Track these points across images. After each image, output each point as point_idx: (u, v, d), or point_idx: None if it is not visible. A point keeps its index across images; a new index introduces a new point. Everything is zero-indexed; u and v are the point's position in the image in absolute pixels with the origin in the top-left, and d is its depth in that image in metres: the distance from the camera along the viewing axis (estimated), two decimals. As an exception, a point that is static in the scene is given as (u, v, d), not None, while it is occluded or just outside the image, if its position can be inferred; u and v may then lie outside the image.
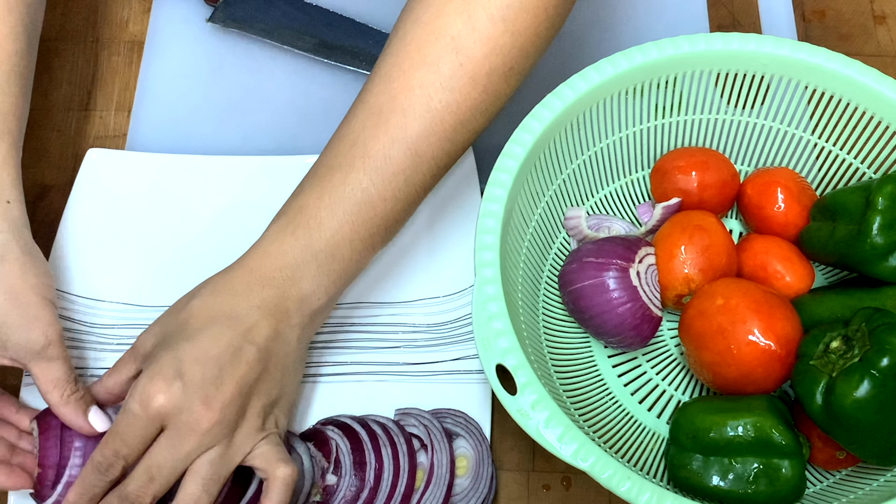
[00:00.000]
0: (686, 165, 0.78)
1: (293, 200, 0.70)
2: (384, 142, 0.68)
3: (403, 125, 0.68)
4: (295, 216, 0.69)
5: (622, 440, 0.73)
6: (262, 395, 0.68)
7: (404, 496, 0.71)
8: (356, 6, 0.93)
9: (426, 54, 0.68)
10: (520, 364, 0.63)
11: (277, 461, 0.68)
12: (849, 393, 0.62)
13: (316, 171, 0.71)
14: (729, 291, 0.70)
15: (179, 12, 0.93)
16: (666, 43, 0.74)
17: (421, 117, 0.68)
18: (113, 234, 0.82)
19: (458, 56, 0.68)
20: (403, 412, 0.75)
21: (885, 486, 0.67)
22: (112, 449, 0.66)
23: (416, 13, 0.69)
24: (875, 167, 0.76)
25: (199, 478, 0.66)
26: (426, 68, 0.68)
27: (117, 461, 0.65)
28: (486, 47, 0.68)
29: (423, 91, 0.68)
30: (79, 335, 0.78)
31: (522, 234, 0.74)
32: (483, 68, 0.68)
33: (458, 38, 0.68)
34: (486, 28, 0.68)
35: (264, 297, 0.68)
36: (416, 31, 0.69)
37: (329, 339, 0.78)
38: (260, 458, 0.68)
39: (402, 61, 0.69)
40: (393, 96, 0.69)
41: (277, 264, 0.69)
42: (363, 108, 0.70)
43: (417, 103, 0.68)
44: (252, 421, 0.68)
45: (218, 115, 0.89)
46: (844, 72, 0.73)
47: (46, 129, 0.89)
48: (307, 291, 0.69)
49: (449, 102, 0.68)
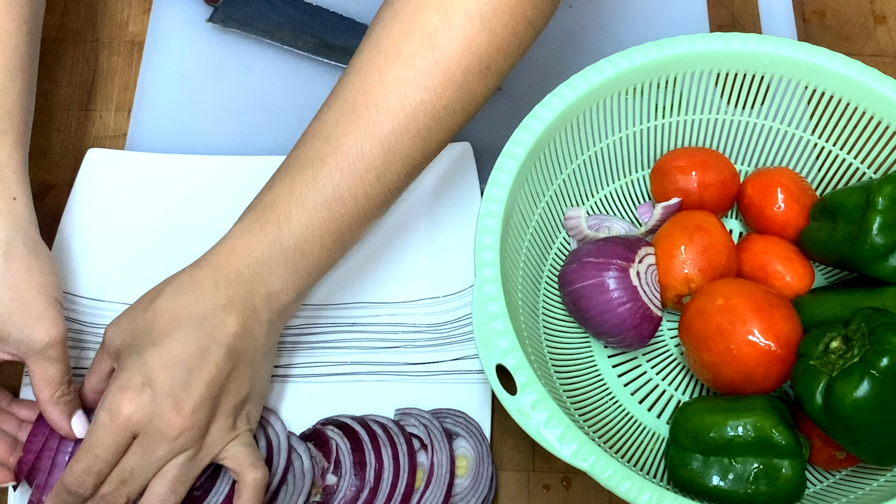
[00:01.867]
0: (686, 165, 0.78)
1: (263, 195, 0.70)
2: (356, 138, 0.68)
3: (377, 121, 0.67)
4: (264, 211, 0.69)
5: (622, 440, 0.73)
6: (233, 394, 0.68)
7: (404, 496, 0.71)
8: (356, 6, 0.93)
9: (402, 50, 0.67)
10: (520, 364, 0.63)
11: (249, 465, 0.68)
12: (849, 393, 0.62)
13: (288, 165, 0.70)
14: (729, 291, 0.70)
15: (179, 12, 0.93)
16: (666, 43, 0.74)
17: (394, 114, 0.67)
18: (113, 234, 0.82)
19: (435, 53, 0.67)
20: (403, 412, 0.75)
21: (885, 486, 0.67)
22: (84, 465, 0.65)
23: (395, 7, 0.69)
24: (875, 167, 0.76)
25: (167, 480, 0.66)
26: (402, 64, 0.67)
27: (88, 478, 0.65)
28: (462, 45, 0.67)
29: (397, 88, 0.67)
30: (78, 335, 0.78)
31: (522, 234, 0.74)
32: (459, 66, 0.68)
33: (434, 35, 0.67)
34: (462, 25, 0.67)
35: (231, 295, 0.67)
36: (393, 25, 0.68)
37: (329, 339, 0.78)
38: (231, 459, 0.68)
39: (378, 57, 0.68)
40: (367, 92, 0.68)
41: (245, 260, 0.68)
42: (337, 102, 0.69)
43: (392, 100, 0.67)
44: (222, 421, 0.68)
45: (218, 115, 0.89)
46: (844, 72, 0.73)
47: (46, 129, 0.89)
48: (275, 288, 0.69)
49: (423, 100, 0.68)
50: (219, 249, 0.69)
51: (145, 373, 0.65)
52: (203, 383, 0.66)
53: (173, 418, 0.65)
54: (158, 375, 0.65)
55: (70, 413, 0.70)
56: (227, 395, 0.68)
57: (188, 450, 0.66)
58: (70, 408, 0.70)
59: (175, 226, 0.82)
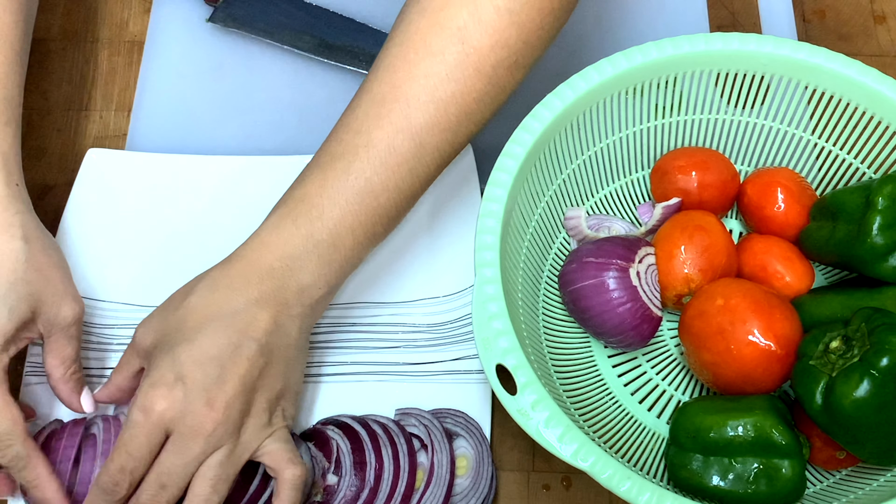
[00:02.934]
0: (686, 165, 0.78)
1: (294, 190, 0.70)
2: (388, 132, 0.68)
3: (408, 115, 0.68)
4: (296, 205, 0.69)
5: (622, 440, 0.73)
6: (266, 389, 0.68)
7: (404, 496, 0.71)
8: (356, 6, 0.93)
9: (431, 44, 0.68)
10: (520, 364, 0.63)
11: (287, 462, 0.68)
12: (848, 393, 0.62)
13: (318, 160, 0.70)
14: (729, 291, 0.70)
15: (179, 12, 0.93)
16: (666, 43, 0.74)
17: (426, 108, 0.68)
18: (113, 234, 0.82)
19: (464, 47, 0.68)
20: (403, 412, 0.75)
21: (885, 486, 0.67)
22: (118, 465, 0.65)
23: (422, 3, 0.69)
24: (875, 167, 0.76)
25: (207, 479, 0.66)
26: (431, 58, 0.68)
27: (123, 478, 0.65)
28: (491, 39, 0.68)
29: (427, 81, 0.68)
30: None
31: (522, 234, 0.74)
32: (489, 60, 0.68)
33: (463, 29, 0.68)
34: (491, 19, 0.68)
35: (263, 290, 0.68)
36: (420, 21, 0.69)
37: (329, 339, 0.78)
38: (268, 456, 0.68)
39: (407, 51, 0.69)
40: (397, 86, 0.68)
41: (277, 255, 0.68)
42: (367, 97, 0.69)
43: (422, 94, 0.68)
44: (258, 417, 0.67)
45: (218, 115, 0.89)
46: (844, 72, 0.73)
47: (46, 129, 0.89)
48: (307, 282, 0.69)
49: (454, 93, 0.68)
50: (250, 245, 0.69)
51: (177, 369, 0.65)
52: (235, 379, 0.66)
53: (206, 414, 0.65)
54: (190, 372, 0.65)
55: (80, 390, 0.72)
56: (260, 391, 0.67)
57: (223, 446, 0.66)
58: (80, 385, 0.72)
59: (175, 226, 0.82)
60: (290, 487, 0.67)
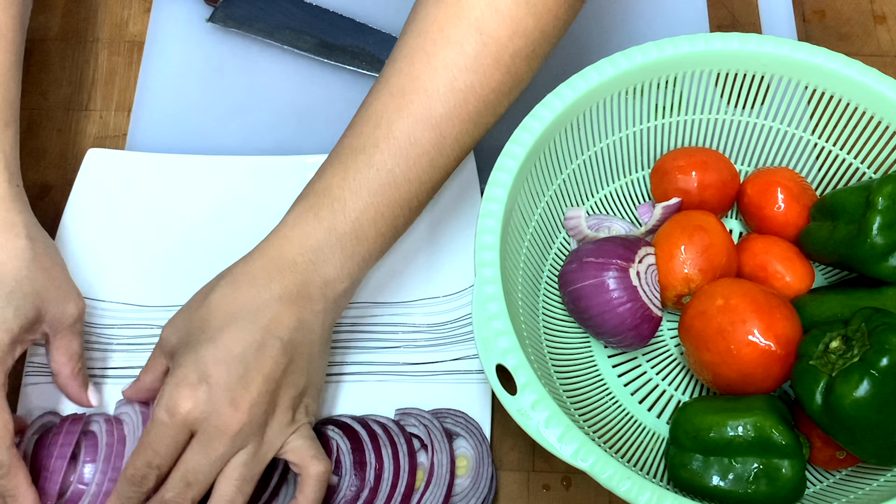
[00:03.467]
0: (686, 165, 0.78)
1: (315, 183, 0.69)
2: (408, 123, 0.68)
3: (428, 106, 0.68)
4: (317, 198, 0.68)
5: (622, 440, 0.73)
6: (290, 387, 0.67)
7: (404, 496, 0.71)
8: (356, 6, 0.93)
9: (449, 35, 0.68)
10: (520, 364, 0.63)
11: (311, 458, 0.67)
12: (848, 393, 0.62)
13: (338, 153, 0.70)
14: (729, 291, 0.70)
15: (179, 12, 0.94)
16: (666, 43, 0.74)
17: (445, 98, 0.68)
18: (113, 234, 0.82)
19: (482, 37, 0.68)
20: (403, 412, 0.75)
21: (885, 486, 0.67)
22: (144, 460, 0.65)
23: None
24: (875, 167, 0.76)
25: (232, 480, 0.65)
26: (449, 49, 0.68)
27: (150, 472, 0.65)
28: (509, 28, 0.68)
29: (446, 72, 0.68)
30: (79, 335, 0.78)
31: (522, 234, 0.74)
32: (507, 49, 0.68)
33: (481, 20, 0.68)
34: (509, 10, 0.68)
35: (285, 285, 0.67)
36: (437, 12, 0.69)
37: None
38: (292, 453, 0.68)
39: (425, 42, 0.68)
40: (416, 77, 0.68)
41: (299, 249, 0.68)
42: (385, 88, 0.69)
43: (442, 84, 0.68)
44: (282, 415, 0.67)
45: (218, 115, 0.89)
46: (844, 72, 0.73)
47: (46, 129, 0.89)
48: (331, 276, 0.68)
49: (473, 83, 0.68)
50: (272, 240, 0.69)
51: (201, 369, 0.65)
52: (259, 378, 0.65)
53: (231, 414, 0.64)
54: (214, 371, 0.65)
55: (87, 385, 0.73)
56: (284, 389, 0.67)
57: (248, 446, 0.66)
58: (87, 380, 0.73)
59: (175, 226, 0.82)
60: (314, 483, 0.67)
